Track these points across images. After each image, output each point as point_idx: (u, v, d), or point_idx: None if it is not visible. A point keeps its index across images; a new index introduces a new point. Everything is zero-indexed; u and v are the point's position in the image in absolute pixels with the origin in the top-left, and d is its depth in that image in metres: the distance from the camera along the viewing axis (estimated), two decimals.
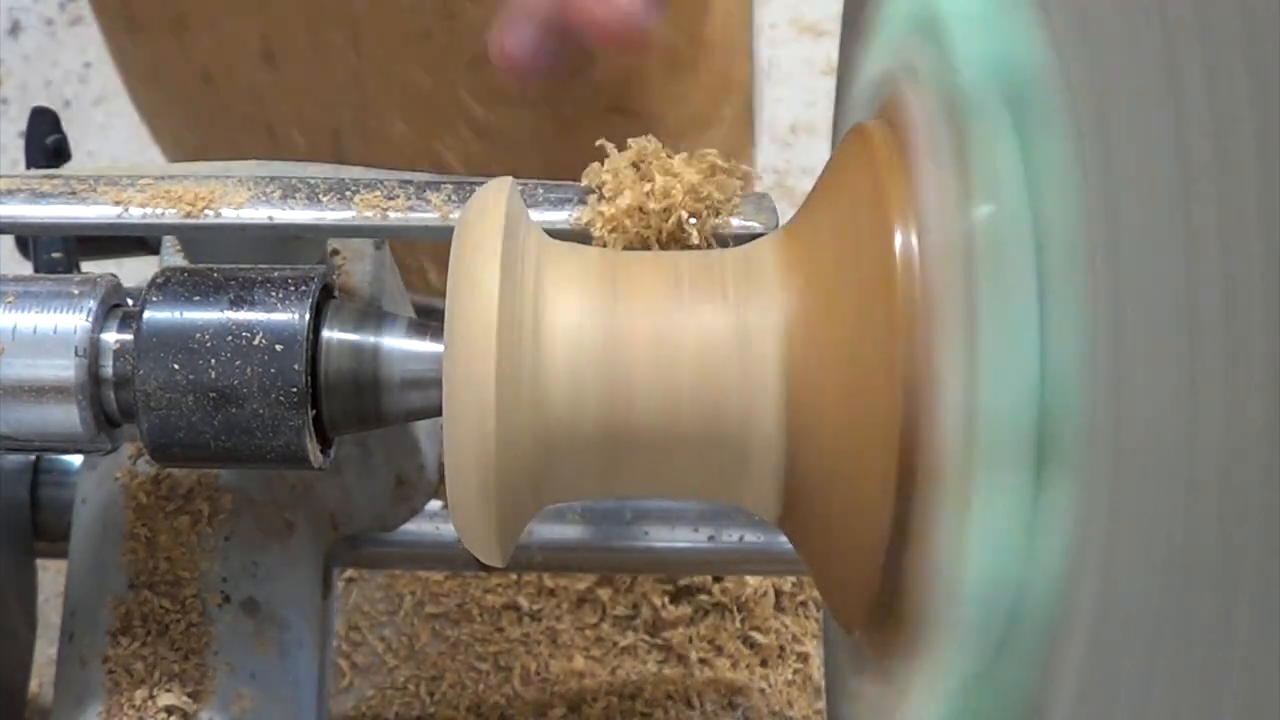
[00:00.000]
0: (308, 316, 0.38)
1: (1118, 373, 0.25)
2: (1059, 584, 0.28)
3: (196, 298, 0.39)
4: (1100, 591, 0.25)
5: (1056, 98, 0.27)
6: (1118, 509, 0.25)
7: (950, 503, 0.30)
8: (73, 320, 0.39)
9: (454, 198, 0.42)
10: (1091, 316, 0.26)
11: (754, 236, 0.41)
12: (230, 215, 0.41)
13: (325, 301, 0.39)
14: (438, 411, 0.36)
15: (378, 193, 0.42)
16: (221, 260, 0.47)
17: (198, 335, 0.38)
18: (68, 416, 0.39)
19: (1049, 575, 0.28)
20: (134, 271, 0.51)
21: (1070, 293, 0.27)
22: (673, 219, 0.40)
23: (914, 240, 0.31)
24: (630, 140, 0.41)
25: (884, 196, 0.33)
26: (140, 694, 0.52)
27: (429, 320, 0.39)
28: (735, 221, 0.41)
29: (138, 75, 0.85)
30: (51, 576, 0.75)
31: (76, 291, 0.40)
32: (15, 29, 1.32)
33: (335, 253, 0.54)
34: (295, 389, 0.38)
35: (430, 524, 0.67)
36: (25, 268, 0.62)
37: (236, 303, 0.38)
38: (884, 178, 0.33)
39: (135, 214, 0.41)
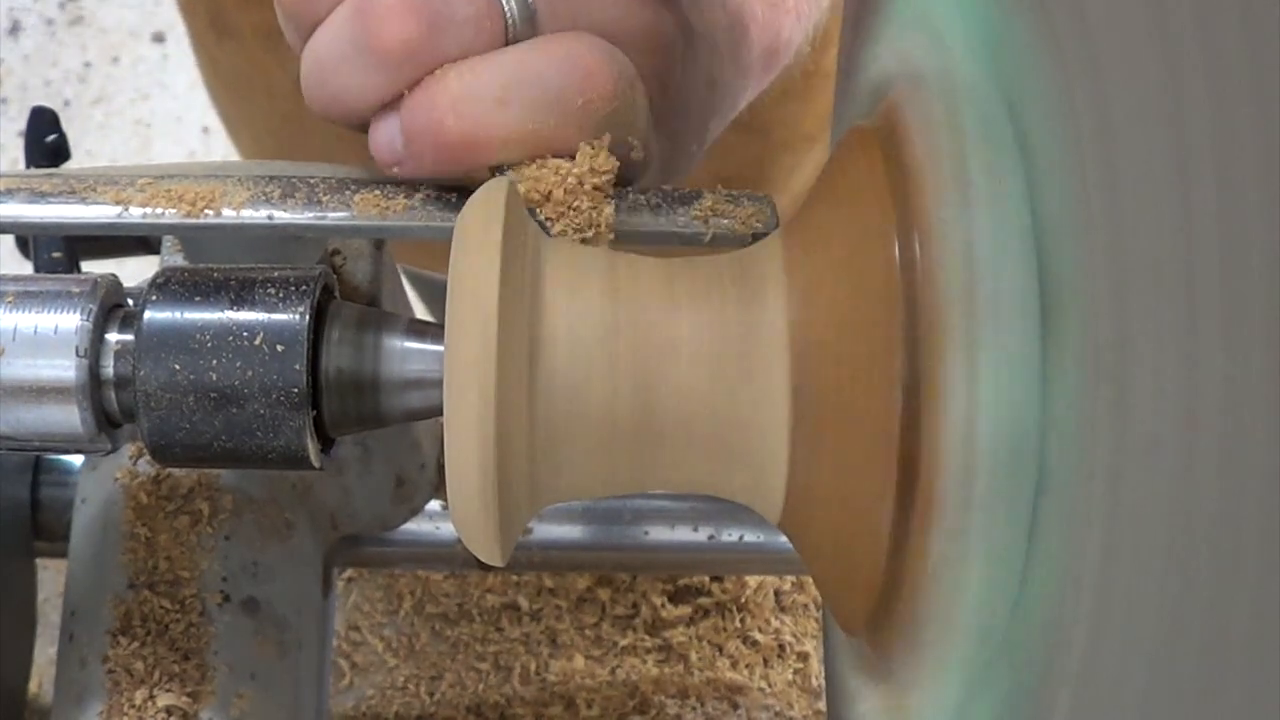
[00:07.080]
0: (308, 317, 0.38)
1: (1122, 411, 0.24)
2: (1058, 586, 0.28)
3: (197, 298, 0.39)
4: (1099, 590, 0.25)
5: (1056, 101, 0.27)
6: (1115, 512, 0.25)
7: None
8: (73, 320, 0.39)
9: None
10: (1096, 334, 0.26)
11: (756, 237, 0.41)
12: (230, 215, 0.41)
13: (326, 302, 0.39)
14: (438, 411, 0.36)
15: (378, 193, 0.42)
16: (221, 260, 0.47)
17: (198, 336, 0.38)
18: (68, 417, 0.39)
19: (1048, 578, 0.28)
20: (134, 271, 0.51)
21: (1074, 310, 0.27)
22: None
23: (915, 247, 0.31)
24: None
25: (884, 202, 0.33)
26: (140, 694, 0.52)
27: (430, 320, 0.39)
28: (735, 223, 0.41)
29: (224, 81, 0.84)
30: (51, 576, 0.75)
31: (76, 291, 0.40)
32: (15, 29, 1.32)
33: (335, 253, 0.54)
34: (296, 389, 0.38)
35: (430, 524, 0.67)
36: (25, 268, 0.62)
37: (237, 303, 0.38)
38: (883, 182, 0.33)
39: (135, 214, 0.41)
